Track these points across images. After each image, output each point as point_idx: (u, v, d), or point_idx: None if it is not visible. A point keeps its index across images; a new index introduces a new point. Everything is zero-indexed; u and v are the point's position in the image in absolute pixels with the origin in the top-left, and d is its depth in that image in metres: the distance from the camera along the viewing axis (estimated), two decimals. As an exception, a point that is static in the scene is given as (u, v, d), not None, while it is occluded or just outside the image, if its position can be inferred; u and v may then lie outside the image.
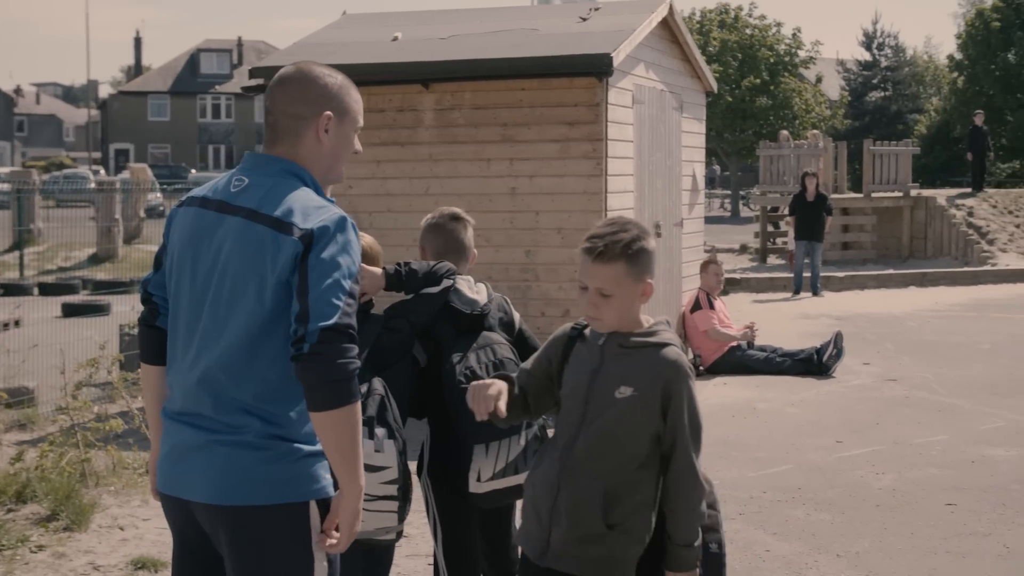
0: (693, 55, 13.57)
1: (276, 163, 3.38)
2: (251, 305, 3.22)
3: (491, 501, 4.60)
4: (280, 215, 3.22)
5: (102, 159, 78.95)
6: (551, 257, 10.72)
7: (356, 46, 11.87)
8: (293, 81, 3.41)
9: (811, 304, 18.09)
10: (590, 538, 3.57)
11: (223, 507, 3.21)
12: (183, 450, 3.28)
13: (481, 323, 4.74)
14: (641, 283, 3.61)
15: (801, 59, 46.95)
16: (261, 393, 3.23)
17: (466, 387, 4.23)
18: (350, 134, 3.45)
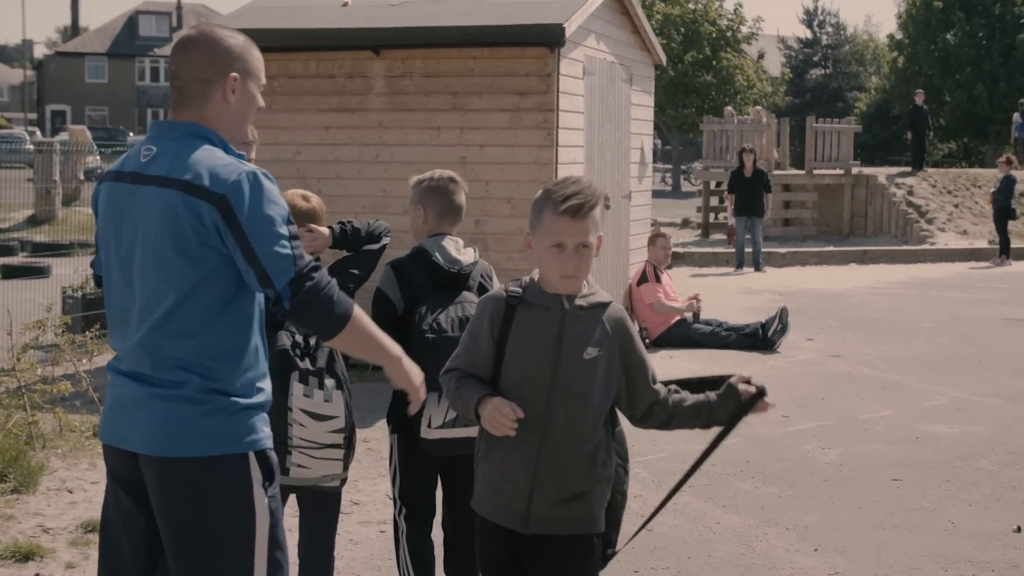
0: (643, 27, 13.58)
1: (181, 127, 3.44)
2: (177, 269, 3.30)
3: (439, 449, 4.76)
4: (190, 178, 3.29)
5: (38, 120, 77.77)
6: (501, 227, 10.71)
7: (306, 11, 11.75)
8: (198, 44, 3.46)
9: (754, 279, 18.22)
10: (576, 497, 3.67)
11: (163, 458, 3.30)
12: (126, 403, 3.39)
13: (462, 283, 4.92)
14: (596, 239, 3.69)
15: (743, 35, 47.14)
16: (196, 349, 3.32)
17: (430, 337, 4.65)
18: (254, 92, 3.54)
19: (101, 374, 9.78)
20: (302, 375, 4.43)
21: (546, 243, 3.65)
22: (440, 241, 4.98)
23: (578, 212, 3.60)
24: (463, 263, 4.94)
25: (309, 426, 4.43)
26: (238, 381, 3.36)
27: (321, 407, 4.41)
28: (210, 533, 3.32)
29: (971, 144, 47.33)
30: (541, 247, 3.67)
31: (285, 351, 4.46)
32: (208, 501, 3.31)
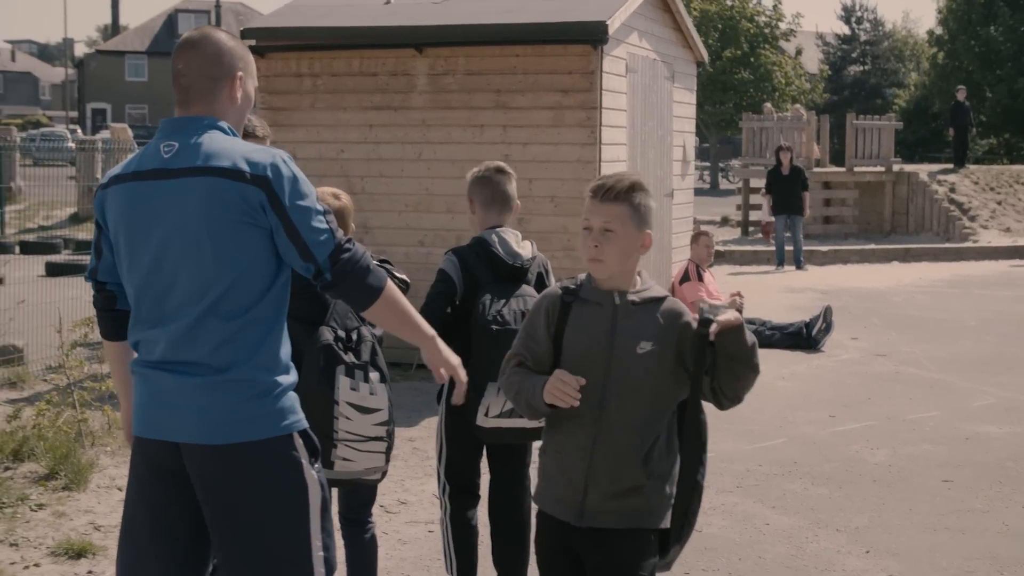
0: (685, 24, 13.53)
1: (198, 121, 3.53)
2: (228, 251, 3.39)
3: (493, 437, 4.96)
4: (229, 165, 3.40)
5: (79, 118, 78.31)
6: (544, 225, 10.68)
7: (348, 8, 11.76)
8: (206, 44, 3.59)
9: (795, 277, 18.12)
10: (631, 491, 3.69)
11: (214, 446, 3.37)
12: (166, 395, 3.42)
13: (521, 276, 5.06)
14: (641, 233, 3.73)
15: (781, 32, 46.91)
16: (246, 332, 3.41)
17: (493, 328, 4.84)
18: (251, 91, 3.67)
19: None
20: (348, 368, 4.49)
21: (582, 227, 3.79)
22: (501, 233, 5.09)
23: (604, 194, 3.71)
24: (523, 257, 5.07)
25: (355, 419, 4.49)
26: (279, 361, 3.47)
27: (367, 400, 4.49)
28: (266, 515, 3.40)
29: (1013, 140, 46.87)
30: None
31: (329, 346, 4.51)
32: (263, 483, 3.39)
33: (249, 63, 3.66)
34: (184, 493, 3.45)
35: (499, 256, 5.01)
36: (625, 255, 3.73)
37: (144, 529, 3.50)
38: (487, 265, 5.01)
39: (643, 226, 3.74)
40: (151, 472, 3.49)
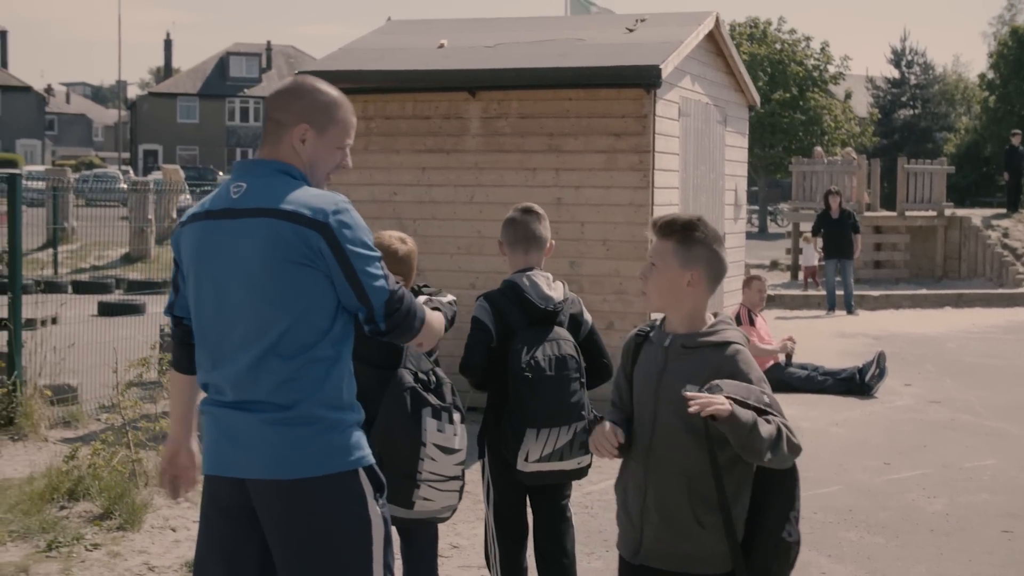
0: (738, 68, 13.52)
1: (267, 164, 3.59)
2: (288, 292, 3.46)
3: (534, 480, 5.04)
4: (292, 208, 3.45)
5: (131, 159, 79.23)
6: (596, 269, 10.67)
7: (402, 52, 11.85)
8: (287, 89, 3.66)
9: (847, 322, 18.00)
10: (681, 535, 3.70)
11: (281, 481, 3.43)
12: (234, 432, 3.49)
13: (553, 319, 5.09)
14: (688, 270, 3.76)
15: (830, 75, 46.84)
16: (308, 370, 3.47)
17: (528, 375, 4.88)
18: (332, 149, 3.64)
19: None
20: (435, 411, 4.55)
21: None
22: (531, 276, 5.12)
23: (656, 229, 3.83)
24: (555, 300, 5.08)
25: (439, 460, 4.54)
26: (344, 398, 3.52)
27: (451, 441, 4.57)
28: (331, 549, 3.46)
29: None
30: None
31: (414, 388, 4.58)
32: (328, 518, 3.45)
33: (329, 118, 3.61)
34: (253, 530, 3.52)
35: (531, 300, 5.04)
36: (666, 291, 3.80)
37: (215, 567, 3.55)
38: (519, 309, 5.03)
39: (689, 264, 3.76)
40: (219, 511, 3.57)
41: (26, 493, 7.31)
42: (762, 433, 3.50)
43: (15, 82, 79.40)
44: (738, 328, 3.90)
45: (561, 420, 4.95)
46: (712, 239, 3.82)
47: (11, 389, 9.34)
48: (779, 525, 3.68)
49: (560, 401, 4.98)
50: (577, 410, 5.02)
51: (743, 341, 3.83)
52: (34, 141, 78.74)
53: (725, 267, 3.88)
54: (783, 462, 3.62)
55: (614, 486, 3.95)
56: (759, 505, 3.72)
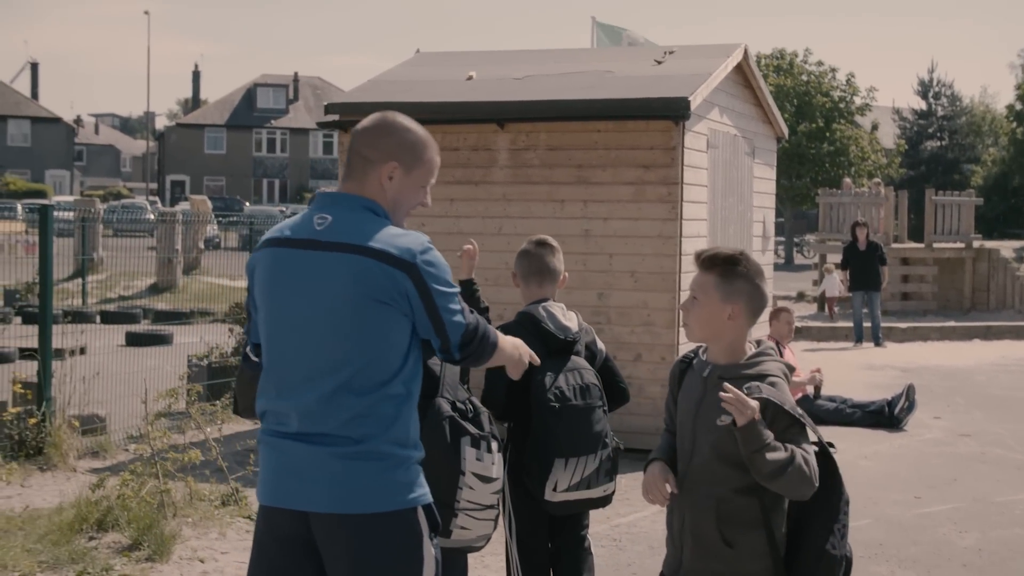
0: (766, 100, 13.52)
1: (353, 200, 3.62)
2: (368, 330, 3.48)
3: (562, 509, 5.09)
4: (377, 246, 3.48)
5: (158, 190, 79.68)
6: (624, 300, 10.65)
7: (430, 84, 11.90)
8: (375, 126, 3.68)
9: (875, 354, 17.91)
10: (712, 554, 3.82)
11: (343, 515, 3.45)
12: (299, 465, 3.50)
13: (571, 348, 5.17)
14: (729, 304, 3.85)
15: (857, 106, 46.78)
16: (380, 406, 3.49)
17: (554, 405, 4.94)
18: (416, 188, 3.69)
19: (230, 442, 9.89)
20: (473, 440, 4.57)
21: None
22: (547, 307, 5.21)
23: (700, 262, 3.92)
24: (572, 330, 5.19)
25: (477, 488, 4.56)
26: (411, 436, 3.56)
27: (489, 469, 4.60)
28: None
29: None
30: None
31: (453, 417, 4.60)
32: (385, 554, 3.48)
33: (416, 157, 3.66)
34: (307, 562, 3.55)
35: (550, 331, 5.11)
36: (707, 324, 3.89)
37: None
38: (538, 340, 5.03)
39: (730, 298, 3.86)
40: (276, 542, 3.57)
41: (55, 523, 7.31)
42: (768, 456, 3.62)
43: (45, 113, 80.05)
44: (779, 359, 3.95)
45: (588, 448, 5.02)
46: (754, 273, 3.91)
47: (40, 419, 9.36)
48: (823, 537, 3.78)
49: (586, 429, 5.06)
50: (602, 437, 5.11)
51: (781, 373, 3.87)
52: (63, 172, 79.29)
53: (766, 301, 3.97)
54: (792, 491, 3.71)
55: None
56: (803, 519, 3.84)
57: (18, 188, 66.80)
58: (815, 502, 3.78)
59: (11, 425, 9.27)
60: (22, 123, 78.28)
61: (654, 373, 10.33)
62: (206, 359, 12.30)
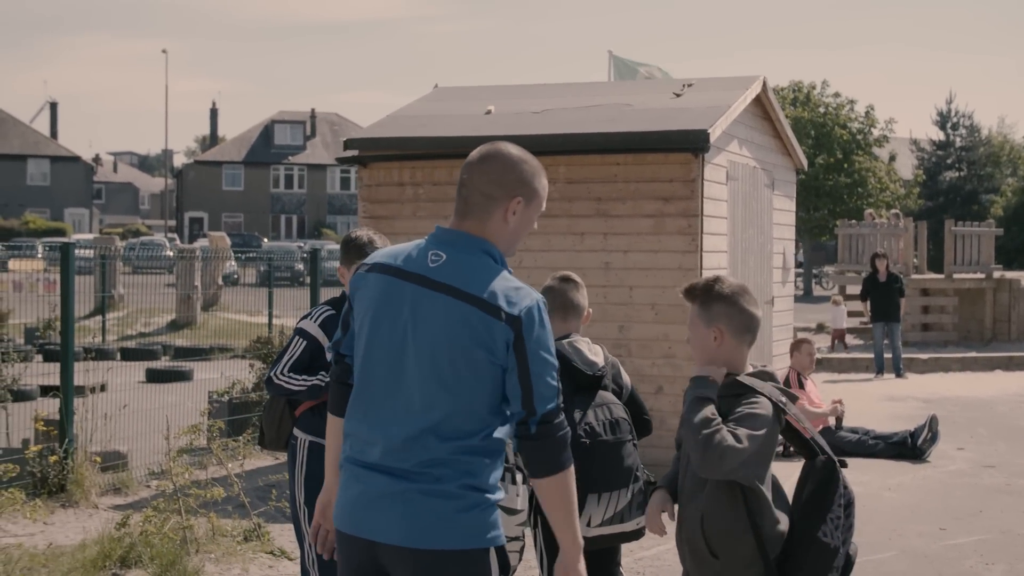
0: (785, 132, 13.53)
1: (471, 241, 3.57)
2: (463, 379, 3.46)
3: (595, 544, 5.06)
4: (487, 297, 3.45)
5: (177, 227, 80.00)
6: (644, 333, 10.64)
7: (449, 119, 11.94)
8: (494, 161, 3.61)
9: (896, 386, 17.82)
10: (704, 564, 3.98)
11: (416, 550, 3.45)
12: (377, 496, 3.50)
13: (598, 383, 5.17)
14: (712, 328, 4.02)
15: (875, 137, 46.77)
16: (463, 449, 3.47)
17: (585, 441, 4.95)
18: (532, 217, 3.67)
19: (252, 478, 9.87)
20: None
21: None
22: (573, 343, 5.21)
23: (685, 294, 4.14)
24: (599, 364, 5.18)
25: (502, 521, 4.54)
26: (491, 479, 3.52)
27: (513, 501, 4.60)
28: None
29: (1114, 246, 46.07)
30: None
31: None
32: None
33: (534, 188, 3.62)
34: None
35: (577, 367, 5.10)
36: (700, 351, 4.08)
37: None
38: (566, 376, 5.00)
39: (712, 322, 4.03)
40: (351, 570, 3.61)
41: (79, 560, 7.30)
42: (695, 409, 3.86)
43: (64, 152, 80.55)
44: (774, 384, 4.06)
45: (620, 483, 5.03)
46: (731, 293, 4.05)
47: (63, 456, 9.37)
48: (815, 526, 3.92)
49: (618, 464, 5.07)
50: (633, 471, 5.13)
51: (771, 393, 3.98)
52: (82, 210, 79.70)
53: (750, 316, 4.07)
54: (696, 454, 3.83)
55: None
56: (799, 515, 3.99)
57: (38, 227, 67.16)
58: (810, 497, 3.96)
59: (33, 462, 9.29)
60: (41, 162, 78.78)
61: (675, 405, 10.29)
62: (227, 395, 12.30)
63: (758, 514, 3.93)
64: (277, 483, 9.08)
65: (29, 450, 9.31)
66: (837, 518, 3.94)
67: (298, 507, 5.56)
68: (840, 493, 3.97)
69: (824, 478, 3.98)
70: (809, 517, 3.95)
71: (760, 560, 3.91)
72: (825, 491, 3.96)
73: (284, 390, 5.48)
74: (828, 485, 3.97)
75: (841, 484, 3.98)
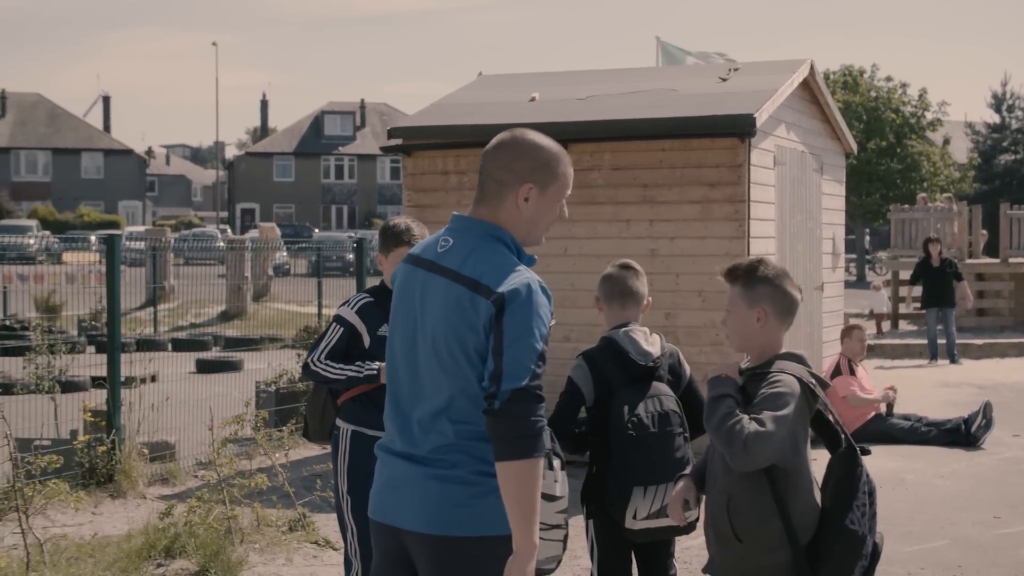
0: (833, 116, 13.35)
1: (480, 226, 3.57)
2: (459, 362, 3.45)
3: (643, 537, 5.01)
4: (479, 277, 3.45)
5: (228, 218, 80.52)
6: (692, 320, 10.53)
7: (493, 106, 11.86)
8: (506, 147, 3.60)
9: (950, 372, 17.60)
10: (728, 548, 4.02)
11: (434, 536, 3.46)
12: (399, 482, 3.55)
13: (652, 374, 5.08)
14: (755, 309, 4.05)
15: (928, 121, 46.25)
16: (472, 434, 3.46)
17: (632, 433, 4.90)
18: (552, 204, 3.62)
19: (297, 468, 9.89)
20: None
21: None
22: (629, 332, 5.12)
23: (724, 278, 4.16)
24: (653, 355, 5.09)
25: (541, 508, 4.51)
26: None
27: (552, 488, 4.55)
28: None
29: None
30: None
31: None
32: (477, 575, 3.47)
33: (550, 174, 3.58)
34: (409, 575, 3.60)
35: (630, 357, 5.03)
36: (740, 332, 4.11)
37: None
38: (619, 366, 5.02)
39: (756, 303, 4.06)
40: (381, 555, 3.66)
41: (124, 551, 7.32)
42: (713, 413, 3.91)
43: (117, 145, 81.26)
44: (801, 364, 4.08)
45: (667, 476, 4.94)
46: (775, 275, 4.10)
47: (110, 447, 9.41)
48: (842, 514, 3.93)
49: (665, 457, 4.99)
50: (682, 465, 5.02)
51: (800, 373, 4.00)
52: (135, 202, 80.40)
53: (792, 300, 4.13)
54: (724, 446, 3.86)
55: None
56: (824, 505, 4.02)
57: (92, 219, 67.84)
58: (834, 488, 3.97)
59: (81, 453, 9.33)
60: (95, 156, 79.52)
61: (724, 393, 10.18)
62: (274, 385, 12.32)
63: (789, 498, 3.91)
64: (322, 473, 9.08)
65: (77, 441, 9.35)
66: (863, 505, 3.94)
67: (341, 497, 5.54)
68: (864, 480, 3.97)
69: (848, 466, 3.98)
70: (835, 505, 3.95)
71: (788, 545, 3.90)
72: (850, 478, 3.96)
73: (320, 377, 5.49)
74: (852, 471, 3.97)
75: (864, 471, 3.98)
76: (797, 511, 3.93)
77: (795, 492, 3.93)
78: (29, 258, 26.93)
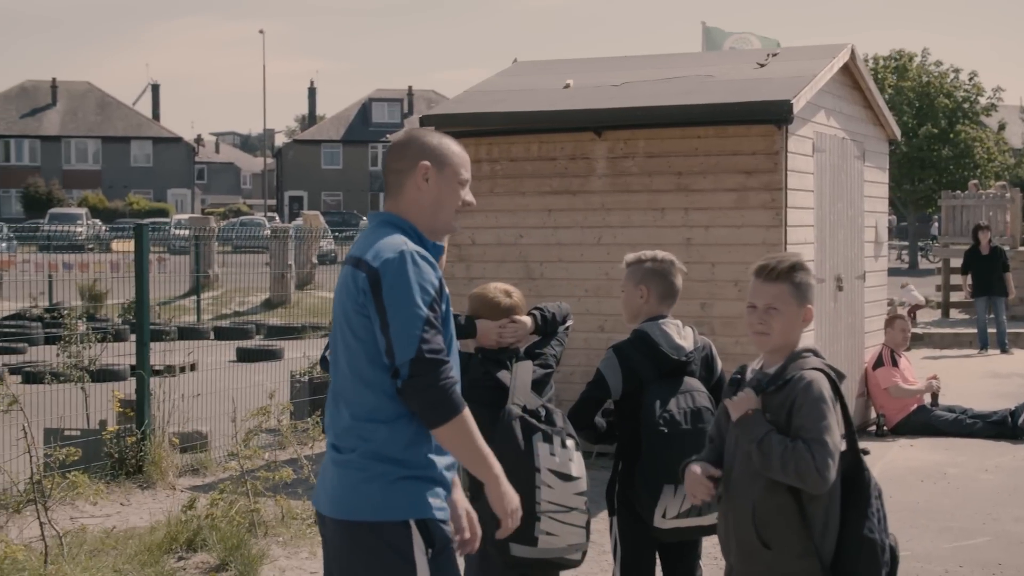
0: (876, 102, 13.09)
1: (379, 216, 3.72)
2: (348, 339, 3.55)
3: (672, 536, 4.93)
4: (361, 254, 3.56)
5: (277, 206, 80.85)
6: (727, 310, 10.36)
7: (527, 93, 11.72)
8: (399, 142, 3.76)
9: (1000, 362, 17.30)
10: (752, 557, 3.93)
11: (335, 520, 3.59)
12: (323, 470, 3.71)
13: (684, 368, 5.01)
14: (803, 307, 4.05)
15: (982, 106, 45.63)
16: (361, 415, 3.53)
17: (663, 430, 4.83)
18: (453, 185, 3.70)
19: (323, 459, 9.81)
20: (545, 435, 4.64)
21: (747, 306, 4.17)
22: (662, 326, 5.04)
23: (767, 274, 4.08)
24: (686, 349, 5.01)
25: (557, 487, 4.52)
26: (401, 450, 3.52)
27: (567, 467, 4.57)
28: None
29: None
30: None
31: (523, 417, 4.61)
32: (368, 562, 3.53)
33: (444, 155, 3.68)
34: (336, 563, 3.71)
35: (663, 352, 4.94)
36: (788, 331, 4.06)
37: None
38: (650, 360, 4.92)
39: (804, 302, 4.07)
40: (322, 541, 3.78)
41: (146, 543, 7.27)
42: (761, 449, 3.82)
43: (166, 134, 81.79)
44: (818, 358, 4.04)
45: None
46: (808, 272, 4.15)
47: (140, 438, 9.37)
48: (859, 523, 3.87)
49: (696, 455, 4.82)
50: None
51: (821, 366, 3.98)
52: (184, 190, 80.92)
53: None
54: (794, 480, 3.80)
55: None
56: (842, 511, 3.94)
57: (141, 208, 68.36)
58: (846, 495, 3.90)
59: (111, 443, 9.29)
60: (144, 144, 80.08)
61: (760, 385, 10.01)
62: (307, 375, 12.26)
63: (811, 510, 3.86)
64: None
65: (106, 431, 9.31)
66: (877, 511, 3.89)
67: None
68: (873, 484, 3.93)
69: (852, 469, 3.92)
70: (850, 517, 3.87)
71: (815, 554, 3.83)
72: (858, 484, 3.90)
73: None
74: (859, 477, 3.91)
75: (869, 474, 3.94)
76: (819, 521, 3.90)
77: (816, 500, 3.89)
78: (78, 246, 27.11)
